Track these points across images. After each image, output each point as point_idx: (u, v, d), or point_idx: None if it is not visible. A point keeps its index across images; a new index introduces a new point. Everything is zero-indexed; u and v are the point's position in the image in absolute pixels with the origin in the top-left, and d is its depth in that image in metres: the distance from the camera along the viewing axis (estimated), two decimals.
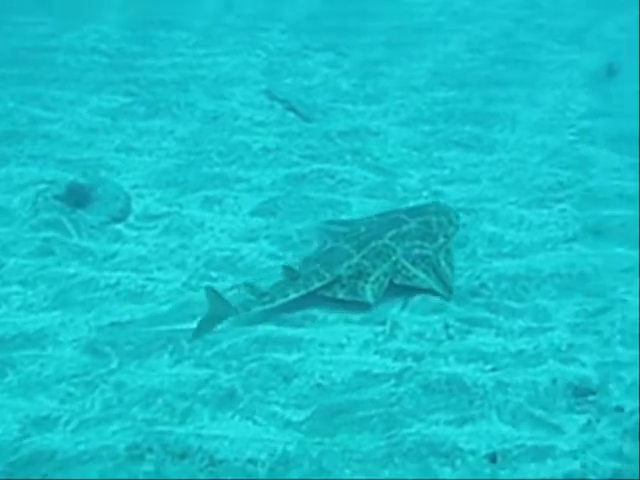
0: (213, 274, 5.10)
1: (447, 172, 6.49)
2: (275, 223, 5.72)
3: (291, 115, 7.43)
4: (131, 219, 5.79)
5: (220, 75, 8.30)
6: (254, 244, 5.45)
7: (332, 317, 4.73)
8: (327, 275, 5.01)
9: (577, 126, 7.22)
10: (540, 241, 5.47)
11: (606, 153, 6.70)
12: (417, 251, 5.23)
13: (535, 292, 4.94)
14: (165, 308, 4.87)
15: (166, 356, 4.34)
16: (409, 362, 4.30)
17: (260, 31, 9.59)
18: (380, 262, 5.14)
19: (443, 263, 5.21)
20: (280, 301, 4.85)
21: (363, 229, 5.44)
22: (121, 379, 4.18)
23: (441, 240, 5.35)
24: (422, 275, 5.11)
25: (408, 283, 5.10)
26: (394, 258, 5.17)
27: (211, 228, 5.64)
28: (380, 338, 4.55)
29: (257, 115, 7.42)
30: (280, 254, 5.34)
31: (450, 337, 4.56)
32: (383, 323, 4.65)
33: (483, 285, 4.98)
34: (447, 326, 4.63)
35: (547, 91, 8.02)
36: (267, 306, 4.82)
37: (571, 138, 6.99)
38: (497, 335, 4.59)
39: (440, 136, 7.05)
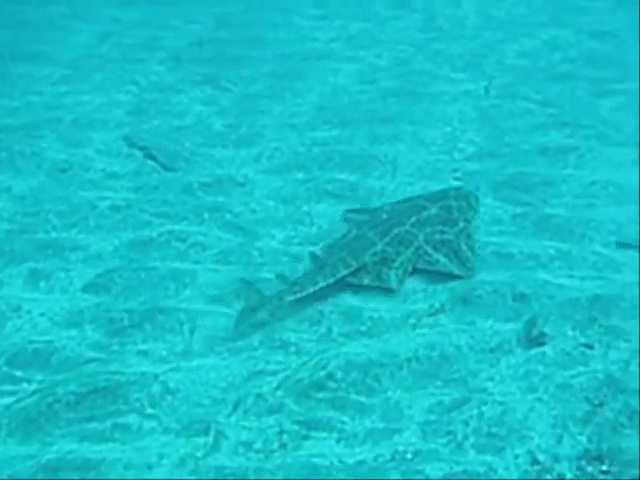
0: (18, 373, 4.48)
1: (314, 230, 5.96)
2: (106, 302, 5.09)
3: (151, 164, 6.85)
4: None
5: (80, 117, 7.63)
6: (75, 330, 4.81)
7: (149, 425, 4.18)
8: (353, 262, 5.29)
9: (463, 169, 6.77)
10: (402, 315, 4.96)
11: (489, 202, 6.27)
12: (438, 236, 5.54)
13: (388, 382, 4.42)
14: None
15: None
16: None
17: (135, 63, 8.99)
18: (403, 248, 5.45)
19: (464, 247, 5.52)
20: (311, 289, 5.09)
21: (385, 216, 5.80)
22: None
23: (461, 224, 5.69)
24: (443, 259, 5.41)
25: (430, 268, 5.41)
26: (416, 244, 5.49)
27: (29, 311, 4.96)
28: (200, 452, 4.00)
29: (112, 165, 6.79)
30: (105, 342, 4.78)
31: (283, 445, 4.04)
32: (206, 432, 4.12)
33: (330, 376, 4.43)
34: (281, 432, 4.12)
35: (437, 127, 7.58)
36: (298, 295, 5.06)
37: (454, 184, 6.59)
38: (338, 441, 4.07)
39: (313, 185, 6.50)
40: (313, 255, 5.42)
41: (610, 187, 6.39)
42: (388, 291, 5.21)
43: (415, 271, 5.34)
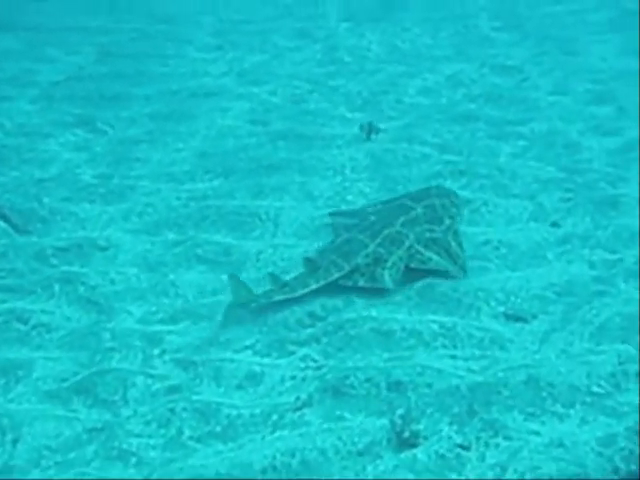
0: None
1: (179, 303, 5.47)
2: None
3: (1, 225, 6.25)
4: None
5: None
6: None
7: None
8: (345, 265, 5.50)
9: None
10: (264, 412, 4.48)
11: None
12: (428, 234, 5.76)
13: None
14: None
15: None
16: None
17: (2, 101, 8.35)
18: (395, 248, 5.65)
19: (453, 244, 5.75)
20: (301, 291, 5.30)
21: (373, 218, 6.00)
22: None
23: (447, 222, 5.97)
24: (435, 257, 5.63)
25: (423, 266, 5.62)
26: (407, 243, 5.69)
27: None
28: None
29: None
30: None
31: None
32: None
33: None
34: None
35: (327, 177, 7.16)
36: (288, 295, 5.26)
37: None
38: None
39: (184, 248, 5.98)
40: (307, 260, 5.50)
41: (502, 247, 6.06)
42: (383, 291, 5.44)
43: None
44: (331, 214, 6.32)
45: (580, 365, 4.84)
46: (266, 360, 4.93)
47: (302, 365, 4.87)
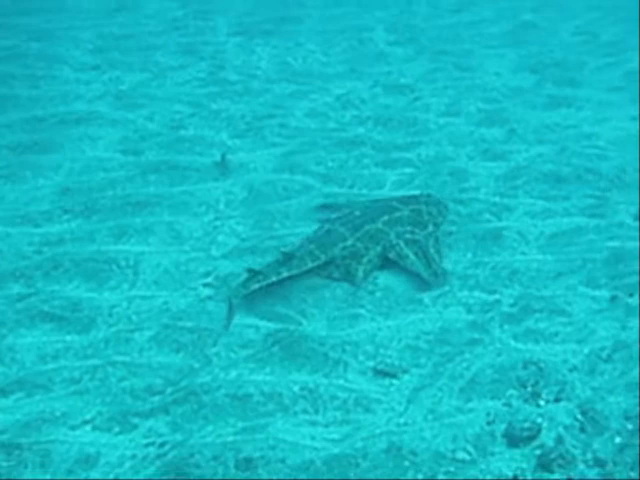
0: None
1: (13, 371, 4.94)
2: None
3: None
4: None
5: None
6: None
7: None
8: (322, 256, 5.70)
9: (216, 272, 5.98)
10: None
11: (239, 319, 5.57)
12: (409, 236, 5.91)
13: None
14: None
15: None
16: None
17: None
18: (373, 245, 5.82)
19: (432, 250, 5.89)
20: (273, 278, 5.51)
21: (357, 213, 6.15)
22: None
23: (430, 228, 6.10)
24: (412, 257, 5.78)
25: (399, 261, 5.79)
26: (386, 241, 5.87)
27: None
28: None
29: None
30: None
31: None
32: None
33: None
34: None
35: (198, 214, 6.74)
36: (262, 283, 5.47)
37: (204, 294, 5.78)
38: None
39: (28, 304, 5.48)
40: (284, 254, 5.63)
41: (378, 291, 5.73)
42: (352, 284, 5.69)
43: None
44: (320, 206, 6.61)
45: (446, 427, 4.60)
46: (105, 437, 4.51)
47: (144, 442, 4.47)
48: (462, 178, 7.52)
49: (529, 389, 4.91)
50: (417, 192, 6.89)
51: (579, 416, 4.67)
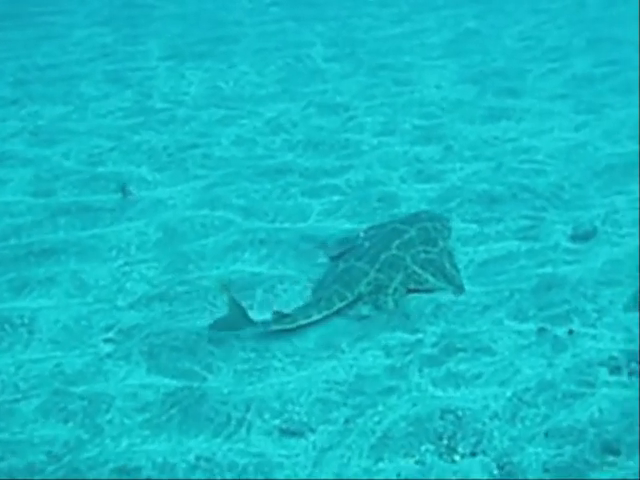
0: None
1: None
2: None
3: None
4: None
5: None
6: None
7: None
8: (348, 295, 5.64)
9: (120, 325, 5.59)
10: None
11: (139, 378, 5.23)
12: (423, 255, 5.94)
13: None
14: None
15: None
16: None
17: None
18: (394, 272, 5.81)
19: (448, 265, 5.95)
20: (302, 322, 5.43)
21: (367, 244, 6.12)
22: None
23: (441, 244, 6.15)
24: (432, 279, 5.82)
25: (420, 287, 5.78)
26: (405, 266, 5.86)
27: None
28: None
29: None
30: None
31: None
32: None
33: None
34: None
35: (108, 260, 6.33)
36: (287, 326, 5.39)
37: (103, 352, 5.37)
38: None
39: None
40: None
41: (279, 340, 5.42)
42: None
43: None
44: (321, 246, 6.46)
45: None
46: None
47: None
48: (393, 203, 7.20)
49: (445, 442, 4.56)
50: (414, 210, 6.76)
51: (495, 471, 4.36)
